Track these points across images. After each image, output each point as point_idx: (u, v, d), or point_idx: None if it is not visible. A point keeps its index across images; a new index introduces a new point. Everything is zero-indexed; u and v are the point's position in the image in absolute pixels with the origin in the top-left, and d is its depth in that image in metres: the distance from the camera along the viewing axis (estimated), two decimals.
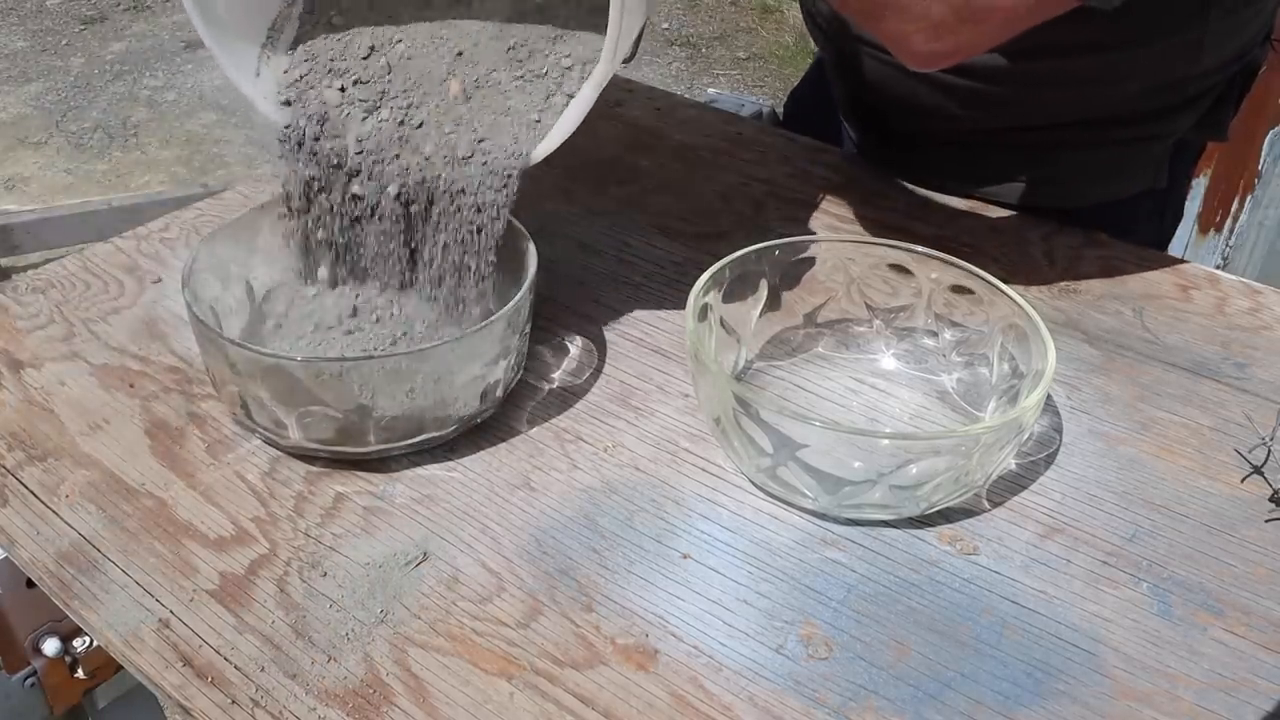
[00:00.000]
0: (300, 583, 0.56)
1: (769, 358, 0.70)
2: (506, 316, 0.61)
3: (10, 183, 2.77)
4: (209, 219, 0.86)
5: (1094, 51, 0.76)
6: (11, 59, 3.35)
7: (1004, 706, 0.50)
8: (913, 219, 0.86)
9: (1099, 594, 0.56)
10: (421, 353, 0.59)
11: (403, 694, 0.51)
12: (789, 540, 0.59)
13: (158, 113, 3.09)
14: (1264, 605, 0.55)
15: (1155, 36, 0.75)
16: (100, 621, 0.54)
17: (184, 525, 0.59)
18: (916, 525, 0.59)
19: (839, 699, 0.51)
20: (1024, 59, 0.76)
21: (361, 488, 0.62)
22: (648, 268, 0.80)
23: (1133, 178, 0.85)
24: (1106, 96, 0.80)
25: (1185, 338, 0.74)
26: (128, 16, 3.64)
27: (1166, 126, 0.83)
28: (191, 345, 0.71)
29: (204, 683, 0.51)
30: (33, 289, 0.78)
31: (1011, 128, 0.84)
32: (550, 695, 0.51)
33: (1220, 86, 0.83)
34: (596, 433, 0.66)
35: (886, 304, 0.69)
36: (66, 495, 0.61)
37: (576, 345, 0.72)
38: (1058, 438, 0.65)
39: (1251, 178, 1.61)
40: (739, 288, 0.67)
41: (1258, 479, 0.62)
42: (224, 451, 0.64)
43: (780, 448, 0.57)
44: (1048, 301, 0.76)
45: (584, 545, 0.58)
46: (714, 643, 0.53)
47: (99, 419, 0.66)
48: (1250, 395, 0.69)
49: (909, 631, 0.54)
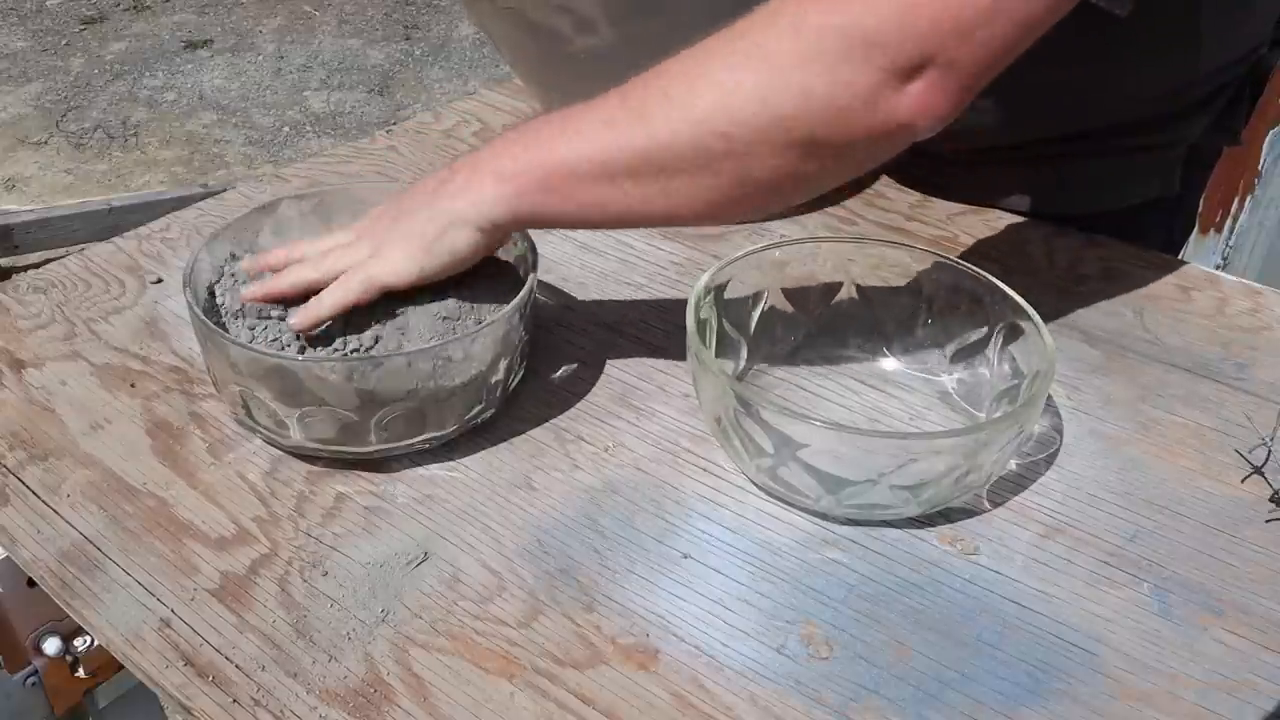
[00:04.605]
0: (301, 582, 0.56)
1: (769, 358, 0.70)
2: (507, 317, 0.61)
3: (10, 183, 2.77)
4: (209, 219, 0.86)
5: (1088, 59, 0.76)
6: (11, 59, 3.36)
7: (1005, 706, 0.50)
8: (913, 219, 0.86)
9: (1100, 594, 0.56)
10: (421, 352, 0.59)
11: (404, 694, 0.51)
12: (790, 540, 0.59)
13: (158, 113, 3.09)
14: (1264, 605, 0.55)
15: (1147, 39, 0.75)
16: (101, 621, 0.54)
17: (185, 525, 0.59)
18: (917, 525, 0.59)
19: (840, 699, 0.51)
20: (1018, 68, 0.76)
21: (362, 488, 0.62)
22: (648, 268, 0.80)
23: (1144, 185, 0.84)
24: (1108, 104, 0.80)
25: (1186, 338, 0.74)
26: (128, 16, 3.64)
27: (1176, 133, 0.82)
28: (192, 345, 0.71)
29: (205, 682, 0.51)
30: (33, 289, 0.78)
31: (1015, 144, 0.84)
32: (551, 695, 0.51)
33: (1230, 90, 0.83)
34: (597, 433, 0.66)
35: (887, 304, 0.69)
36: (68, 495, 0.61)
37: (577, 345, 0.73)
38: (1058, 438, 0.65)
39: (1251, 178, 1.61)
40: (740, 288, 0.67)
41: (1258, 479, 0.62)
42: (225, 451, 0.64)
43: (781, 448, 0.57)
44: (1048, 302, 0.76)
45: (585, 545, 0.58)
46: (715, 643, 0.53)
47: (100, 418, 0.66)
48: (1250, 395, 0.69)
49: (910, 631, 0.54)
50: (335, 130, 3.04)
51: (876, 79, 0.54)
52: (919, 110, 0.55)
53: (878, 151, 0.58)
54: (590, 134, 0.59)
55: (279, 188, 0.89)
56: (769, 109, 0.55)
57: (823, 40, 0.54)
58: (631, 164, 0.58)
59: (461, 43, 3.51)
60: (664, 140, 0.57)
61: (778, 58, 0.55)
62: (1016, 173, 0.86)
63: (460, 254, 0.62)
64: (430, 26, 3.62)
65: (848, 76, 0.54)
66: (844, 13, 0.54)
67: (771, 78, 0.55)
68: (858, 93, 0.54)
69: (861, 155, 0.58)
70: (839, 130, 0.56)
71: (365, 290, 0.62)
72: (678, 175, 0.58)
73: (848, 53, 0.54)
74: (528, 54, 0.87)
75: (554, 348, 0.72)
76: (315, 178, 0.91)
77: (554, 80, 0.88)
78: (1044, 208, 0.85)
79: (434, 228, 0.61)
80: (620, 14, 0.76)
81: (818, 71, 0.54)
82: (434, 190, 0.63)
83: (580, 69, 0.81)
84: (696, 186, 0.58)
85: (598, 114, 0.60)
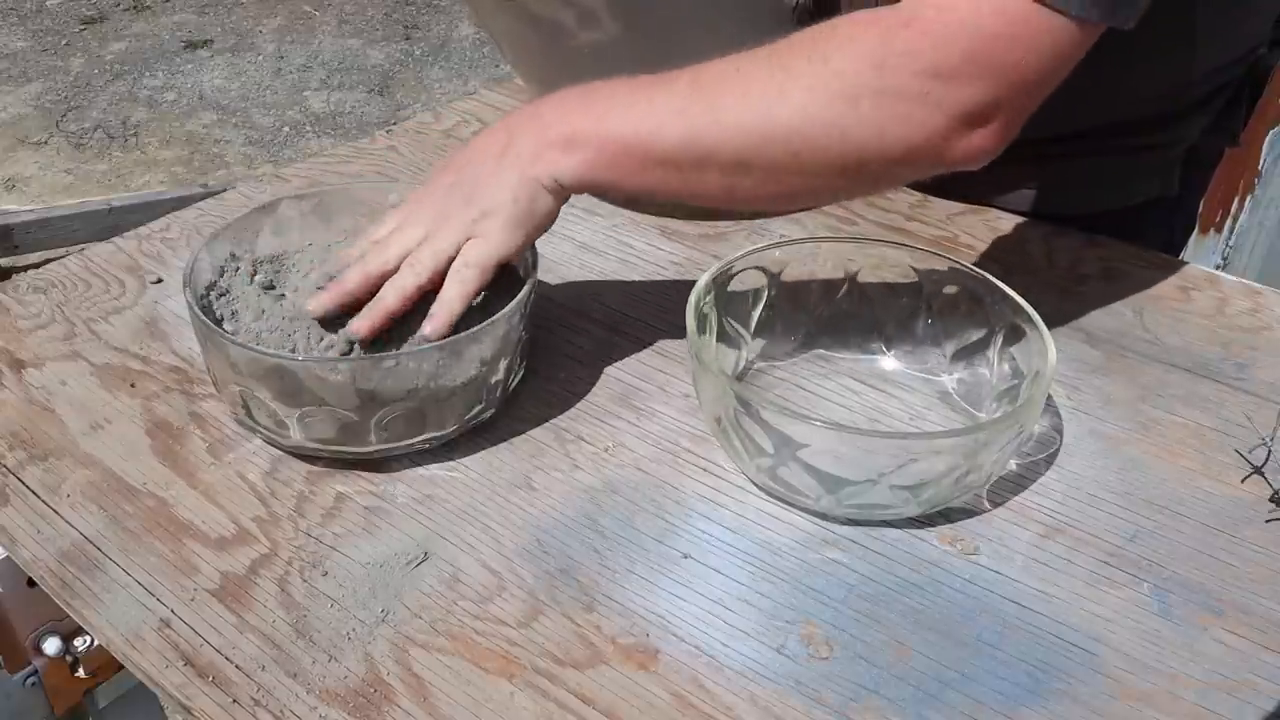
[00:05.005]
0: (301, 582, 0.56)
1: (769, 358, 0.70)
2: (506, 316, 0.61)
3: (10, 183, 2.77)
4: (209, 219, 0.86)
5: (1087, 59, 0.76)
6: (11, 59, 3.35)
7: (1005, 706, 0.50)
8: (913, 219, 0.86)
9: (1100, 594, 0.56)
10: (422, 353, 0.59)
11: (404, 693, 0.51)
12: (790, 540, 0.59)
13: (158, 113, 3.09)
14: (1264, 605, 0.55)
15: (1146, 39, 0.75)
16: (101, 621, 0.54)
17: (185, 525, 0.59)
18: (917, 525, 0.59)
19: (840, 699, 0.51)
20: None
21: (362, 487, 0.62)
22: (649, 268, 0.80)
23: (1143, 185, 0.84)
24: (1105, 104, 0.80)
25: (1185, 338, 0.74)
26: (128, 16, 3.64)
27: (1174, 133, 0.82)
28: (192, 345, 0.71)
29: (205, 682, 0.51)
30: (33, 289, 0.78)
31: (1015, 143, 0.84)
32: (551, 695, 0.51)
33: (1229, 90, 0.83)
34: (597, 433, 0.66)
35: (887, 304, 0.69)
36: (68, 495, 0.61)
37: (577, 345, 0.73)
38: (1058, 438, 0.65)
39: (1251, 178, 1.61)
40: (740, 288, 0.67)
41: (1258, 479, 0.62)
42: (225, 451, 0.64)
43: (781, 448, 0.57)
44: (1048, 301, 0.76)
45: (585, 545, 0.58)
46: (715, 642, 0.53)
47: (100, 418, 0.66)
48: (1250, 395, 0.69)
49: (910, 631, 0.54)
50: (335, 130, 3.04)
51: (950, 125, 0.56)
52: (980, 152, 0.58)
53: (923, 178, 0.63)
54: (664, 118, 0.60)
55: (279, 188, 0.89)
56: (844, 142, 0.57)
57: (901, 78, 0.56)
58: (699, 158, 0.60)
59: (461, 43, 3.51)
60: (737, 145, 0.59)
61: (858, 91, 0.57)
62: (1016, 172, 0.86)
63: (550, 219, 0.63)
64: (430, 26, 3.62)
65: (923, 118, 0.56)
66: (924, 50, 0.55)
67: (848, 111, 0.57)
68: (930, 136, 0.57)
69: (906, 179, 0.61)
70: (905, 166, 0.59)
71: (483, 276, 0.62)
72: (740, 174, 0.60)
73: (926, 96, 0.56)
74: (529, 49, 0.87)
75: (554, 348, 0.72)
76: (315, 178, 0.91)
77: (556, 77, 0.88)
78: (1044, 208, 0.85)
79: (523, 194, 0.62)
80: (623, 7, 0.76)
81: (897, 111, 0.56)
82: (500, 156, 0.62)
83: (583, 64, 0.81)
84: (755, 185, 0.61)
85: (670, 98, 0.60)
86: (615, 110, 0.61)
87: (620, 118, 0.61)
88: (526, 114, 0.64)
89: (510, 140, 0.63)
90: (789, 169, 0.59)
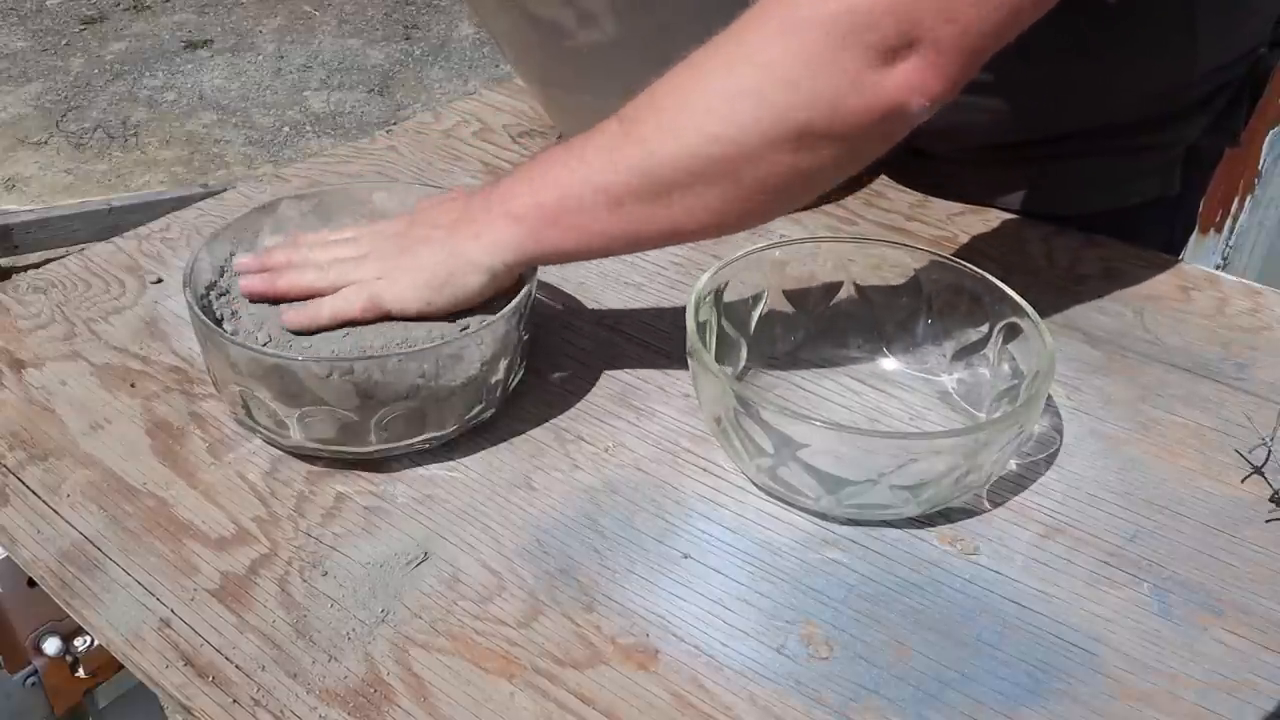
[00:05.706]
0: (301, 582, 0.56)
1: (769, 358, 0.70)
2: (506, 317, 0.61)
3: (10, 183, 2.77)
4: (209, 219, 0.86)
5: (1087, 57, 0.76)
6: (11, 59, 3.36)
7: (1005, 706, 0.50)
8: (913, 219, 0.86)
9: (1099, 594, 0.56)
10: (421, 353, 0.59)
11: (404, 693, 0.51)
12: (790, 540, 0.59)
13: (158, 113, 3.09)
14: (1264, 605, 0.55)
15: (1146, 38, 0.75)
16: (101, 621, 0.54)
17: (185, 525, 0.59)
18: (917, 525, 0.60)
19: (840, 699, 0.51)
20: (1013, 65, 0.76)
21: (362, 487, 0.62)
22: (648, 268, 0.80)
23: (1143, 185, 0.84)
24: (1104, 104, 0.80)
25: (1185, 338, 0.74)
26: (128, 16, 3.64)
27: (1174, 133, 0.82)
28: (192, 345, 0.71)
29: (205, 682, 0.51)
30: (33, 289, 0.78)
31: (1014, 143, 0.84)
32: (551, 695, 0.51)
33: (1229, 91, 0.83)
34: (597, 433, 0.66)
35: (887, 304, 0.69)
36: (68, 495, 0.61)
37: (577, 345, 0.73)
38: (1058, 438, 0.65)
39: (1251, 178, 1.61)
40: (740, 288, 0.67)
41: (1258, 479, 0.62)
42: (225, 451, 0.64)
43: (781, 448, 0.57)
44: (1047, 301, 0.76)
45: (585, 545, 0.58)
46: (715, 642, 0.53)
47: (100, 418, 0.66)
48: (1250, 395, 0.69)
49: (910, 631, 0.54)
50: (335, 130, 3.04)
51: (862, 61, 0.54)
52: (908, 89, 0.55)
53: (874, 138, 0.58)
54: (593, 161, 0.59)
55: (279, 188, 0.89)
56: (761, 106, 0.55)
57: (810, 32, 0.54)
58: (633, 185, 0.58)
59: (461, 43, 3.51)
60: (662, 155, 0.57)
61: (767, 55, 0.55)
62: (1016, 172, 0.86)
63: (470, 296, 0.63)
64: (430, 26, 3.62)
65: (835, 63, 0.54)
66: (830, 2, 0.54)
67: (761, 75, 0.55)
68: (846, 77, 0.54)
69: (859, 144, 0.58)
70: (832, 118, 0.55)
71: (367, 311, 0.62)
72: (679, 189, 0.58)
73: (834, 40, 0.54)
74: (530, 50, 0.87)
75: (554, 348, 0.72)
76: (315, 178, 0.91)
77: (556, 77, 0.88)
78: (1044, 208, 0.85)
79: (445, 269, 0.62)
80: (624, 6, 0.76)
81: (806, 62, 0.54)
82: (451, 227, 0.63)
83: (582, 65, 0.81)
84: (699, 198, 0.58)
85: (599, 140, 0.60)
86: (553, 173, 0.61)
87: (555, 177, 0.60)
88: (482, 193, 0.64)
89: (461, 216, 0.63)
90: (722, 160, 0.57)
